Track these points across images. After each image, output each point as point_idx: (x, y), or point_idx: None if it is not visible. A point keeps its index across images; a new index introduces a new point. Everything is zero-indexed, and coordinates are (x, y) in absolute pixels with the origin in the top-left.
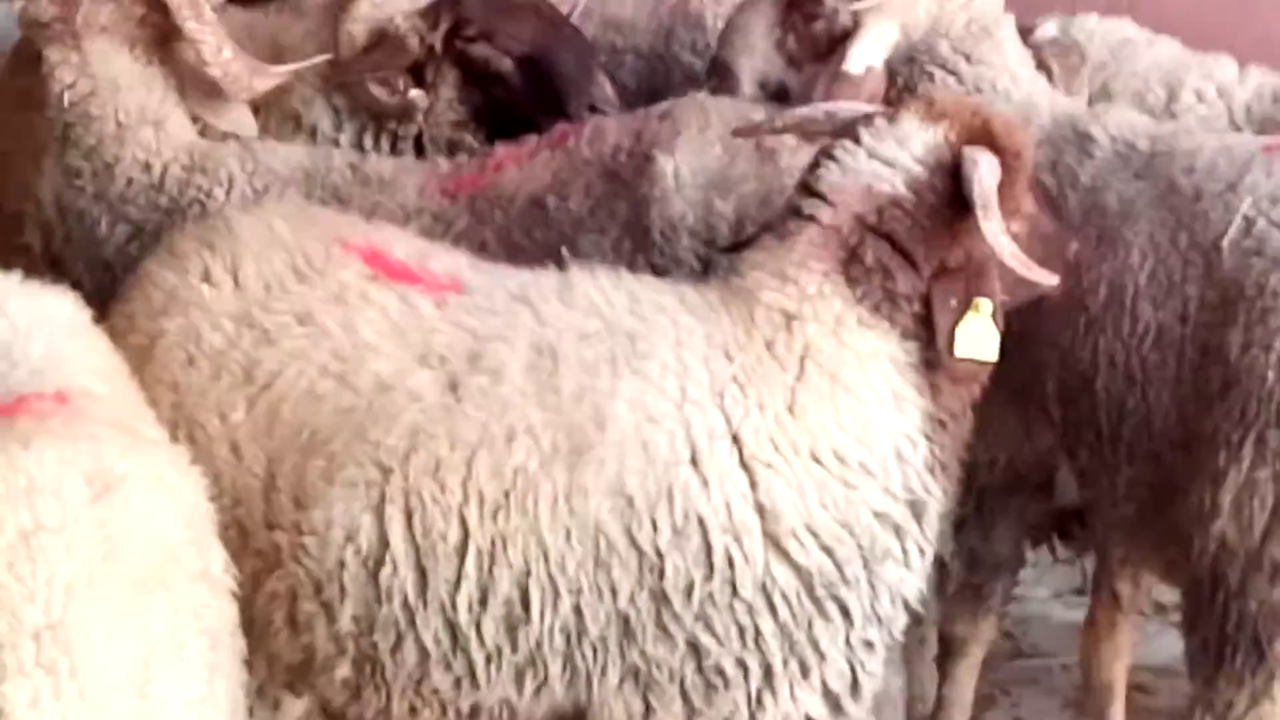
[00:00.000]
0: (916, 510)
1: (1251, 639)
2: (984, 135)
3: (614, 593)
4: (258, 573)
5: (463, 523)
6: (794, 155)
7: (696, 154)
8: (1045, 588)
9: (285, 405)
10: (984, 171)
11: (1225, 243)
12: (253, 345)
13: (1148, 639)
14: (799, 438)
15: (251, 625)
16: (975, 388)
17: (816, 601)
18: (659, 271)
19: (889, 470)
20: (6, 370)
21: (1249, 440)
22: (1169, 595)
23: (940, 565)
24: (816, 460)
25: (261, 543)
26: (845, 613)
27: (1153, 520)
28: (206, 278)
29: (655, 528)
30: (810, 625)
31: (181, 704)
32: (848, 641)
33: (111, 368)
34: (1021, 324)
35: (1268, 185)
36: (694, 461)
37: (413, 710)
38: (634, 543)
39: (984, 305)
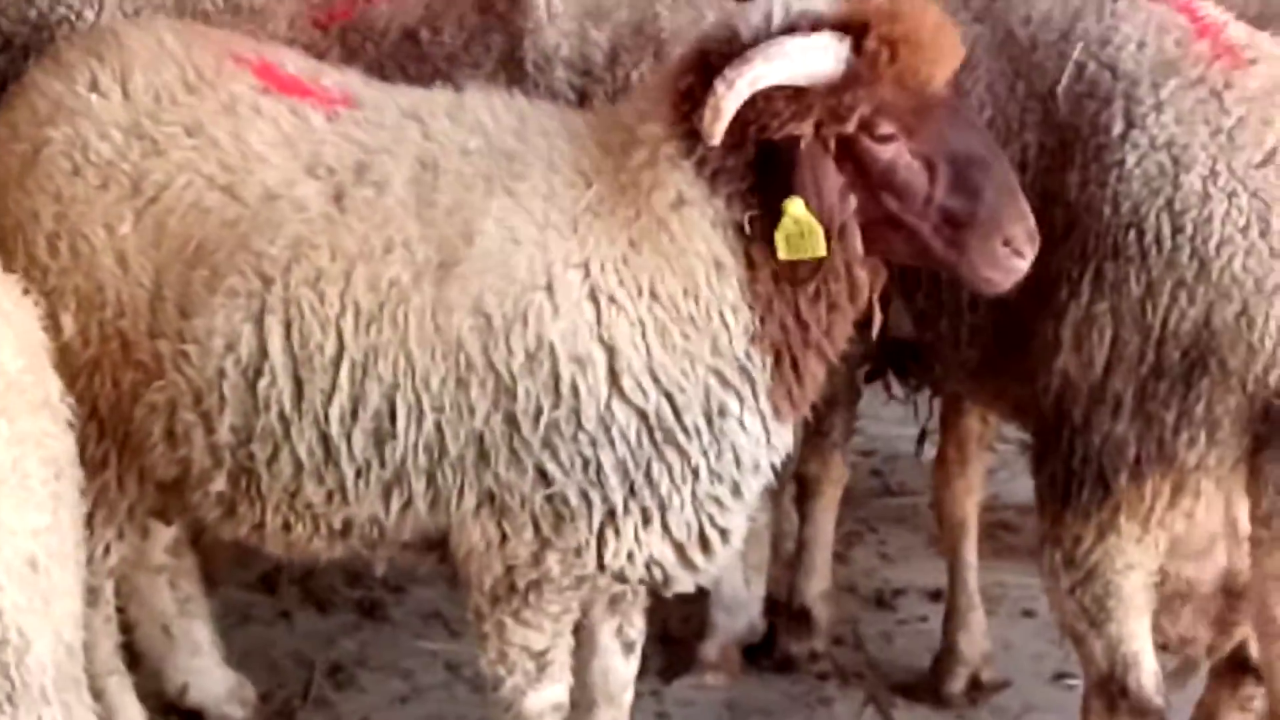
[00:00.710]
0: (748, 377)
1: (1097, 473)
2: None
3: (471, 412)
4: (137, 385)
5: (339, 334)
6: None
7: None
8: (912, 427)
9: (172, 218)
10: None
11: (1060, 90)
12: (141, 156)
13: (1012, 477)
14: (640, 275)
15: (125, 443)
16: (836, 284)
17: (656, 445)
18: None
19: (715, 327)
20: None
21: (1087, 275)
22: None
23: None
24: (655, 300)
25: (144, 353)
26: (687, 461)
27: (998, 364)
28: (94, 87)
29: (510, 350)
30: (649, 468)
31: (28, 533)
32: (694, 495)
33: None
34: None
35: (1098, 29)
36: (549, 288)
37: (286, 526)
38: (490, 363)
39: (793, 206)
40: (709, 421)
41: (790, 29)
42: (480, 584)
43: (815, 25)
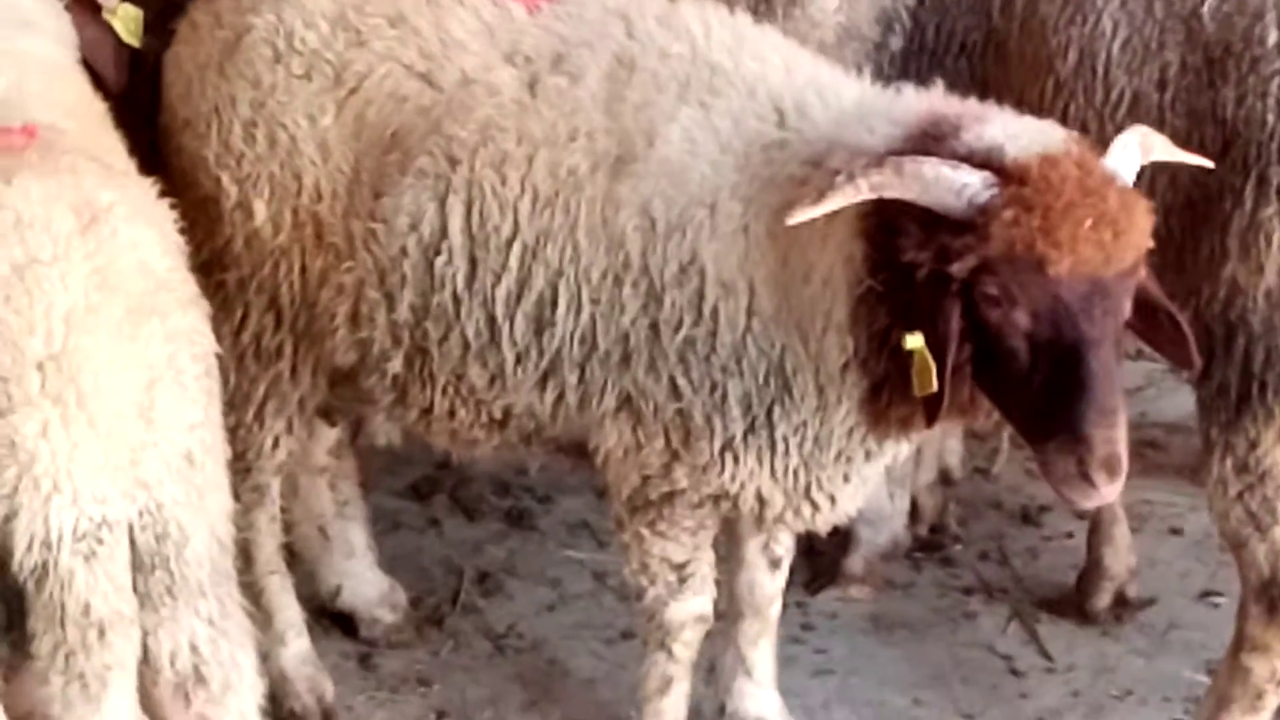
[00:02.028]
0: (838, 387)
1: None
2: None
3: (622, 310)
4: (325, 269)
5: (515, 217)
6: None
7: None
8: None
9: (371, 108)
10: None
11: (1205, 9)
12: (345, 47)
13: (1159, 395)
14: (780, 238)
15: (305, 331)
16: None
17: (776, 391)
18: None
19: (819, 330)
20: None
21: (1249, 183)
22: None
23: None
24: (785, 268)
25: (337, 235)
26: (798, 417)
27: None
28: None
29: (665, 257)
30: (770, 409)
31: (184, 427)
32: (802, 452)
33: (81, 105)
34: (984, 72)
35: None
36: (712, 208)
37: (451, 411)
38: (646, 266)
39: (910, 339)
40: (819, 393)
41: (968, 156)
42: (619, 493)
43: (983, 160)
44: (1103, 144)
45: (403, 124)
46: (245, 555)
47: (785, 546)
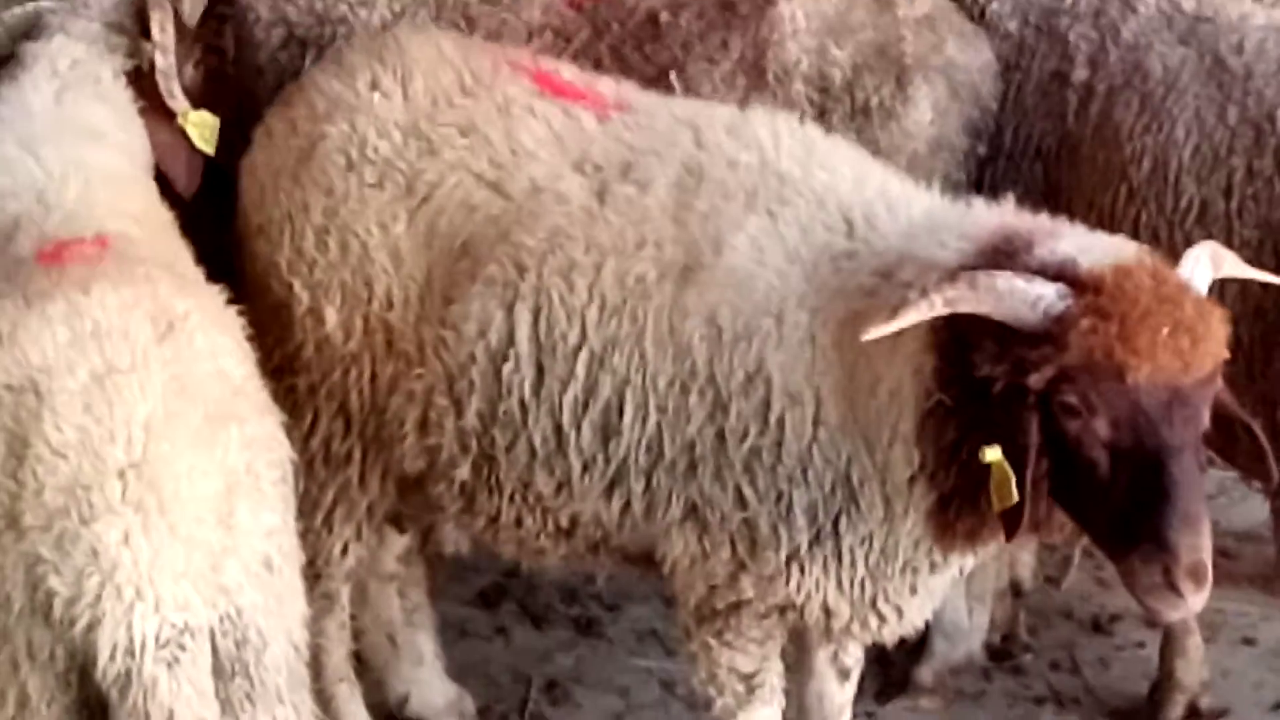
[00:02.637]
0: (902, 499)
1: None
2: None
3: (689, 419)
4: (395, 376)
5: (583, 325)
6: (911, 5)
7: None
8: None
9: (443, 217)
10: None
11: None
12: (417, 156)
13: (1231, 504)
14: (847, 350)
15: (374, 438)
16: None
17: (842, 502)
18: None
19: (885, 438)
20: (41, 215)
21: None
22: None
23: None
24: (852, 381)
25: (408, 343)
26: (865, 528)
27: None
28: (375, 87)
29: (732, 366)
30: (837, 520)
31: (263, 533)
32: (868, 563)
33: (149, 214)
34: (1058, 177)
35: None
36: (779, 318)
37: (519, 520)
38: (713, 375)
39: (989, 452)
40: (885, 504)
41: (1041, 269)
42: (686, 602)
43: (1056, 273)
44: (1174, 255)
45: (473, 232)
46: (314, 662)
47: (855, 657)
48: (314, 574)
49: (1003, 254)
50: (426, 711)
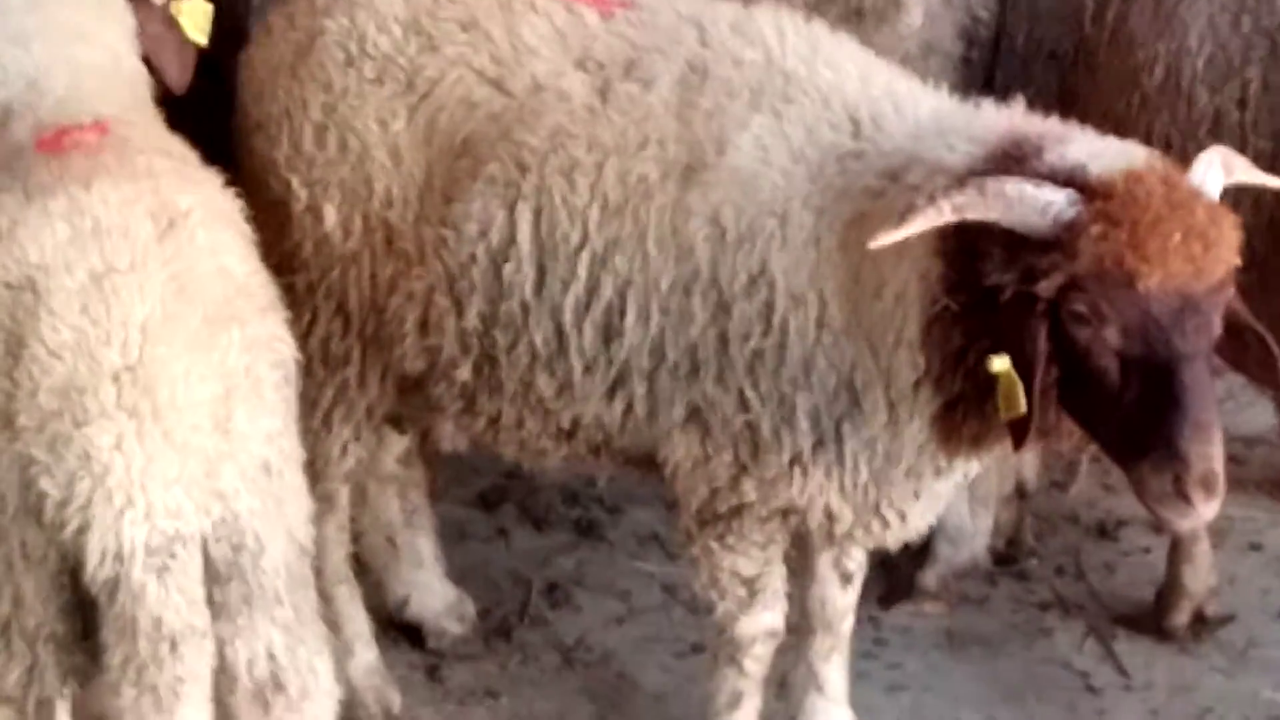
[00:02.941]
0: (908, 404)
1: None
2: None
3: (691, 321)
4: (396, 275)
5: (584, 225)
6: None
7: None
8: None
9: (443, 114)
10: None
11: None
12: (417, 51)
13: (1239, 409)
14: (853, 251)
15: (373, 337)
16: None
17: (846, 406)
18: None
19: (890, 345)
20: (35, 101)
21: None
22: None
23: None
24: (856, 282)
25: (408, 241)
26: (869, 432)
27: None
28: None
29: (735, 267)
30: (839, 424)
31: (262, 437)
32: (871, 467)
33: (138, 106)
34: (1073, 81)
35: None
36: (783, 218)
37: (520, 421)
38: (715, 277)
39: (996, 362)
40: (889, 409)
41: (1051, 175)
42: (688, 506)
43: (1066, 179)
44: (1185, 164)
45: (474, 130)
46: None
47: (857, 561)
48: (312, 475)
49: (1012, 159)
50: (426, 614)
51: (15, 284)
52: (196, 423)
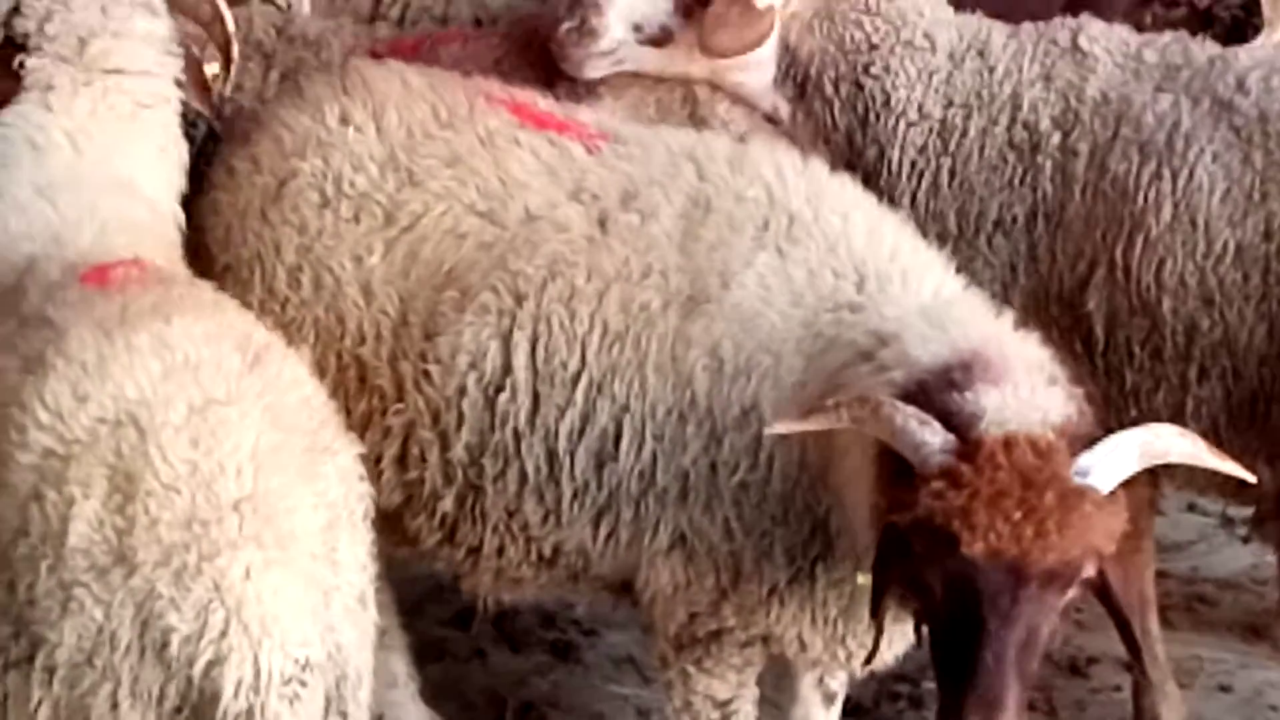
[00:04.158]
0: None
1: None
2: None
3: (684, 449)
4: (371, 412)
5: (583, 352)
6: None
7: None
8: None
9: (426, 245)
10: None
11: None
12: (397, 188)
13: (1211, 550)
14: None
15: None
16: None
17: (819, 548)
18: None
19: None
20: (58, 252)
21: None
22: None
23: None
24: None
25: (383, 379)
26: (840, 575)
27: (1227, 439)
28: (347, 121)
29: (729, 400)
30: (814, 564)
31: (358, 567)
32: (838, 602)
33: (169, 249)
34: (1029, 244)
35: None
36: (777, 358)
37: (500, 549)
38: (710, 407)
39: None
40: (856, 559)
41: (951, 414)
42: (665, 630)
43: (957, 424)
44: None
45: (461, 260)
46: None
47: (840, 681)
48: None
49: (949, 384)
50: None
51: (114, 420)
52: (313, 552)
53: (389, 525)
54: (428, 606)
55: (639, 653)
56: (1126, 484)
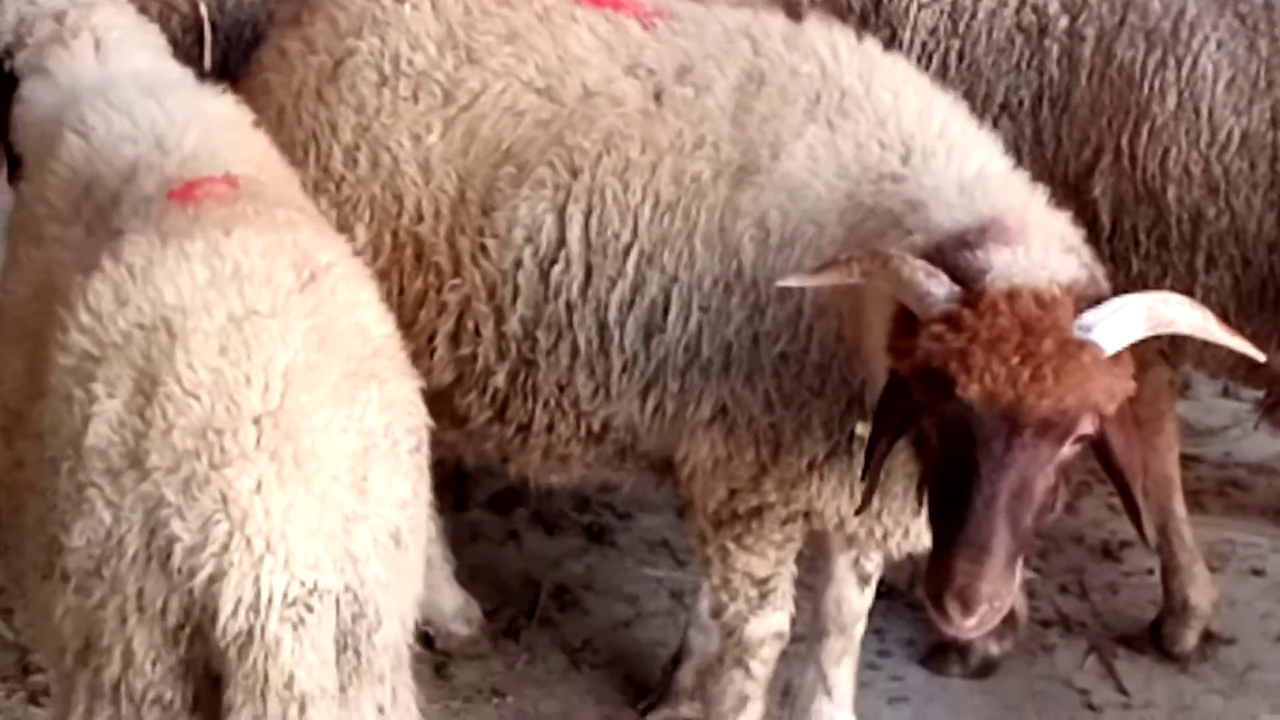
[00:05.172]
0: None
1: None
2: None
3: (728, 320)
4: (427, 289)
5: (635, 223)
6: None
7: None
8: None
9: (485, 123)
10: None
11: None
12: (455, 66)
13: (1244, 435)
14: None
15: None
16: None
17: (861, 417)
18: None
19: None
20: (159, 160)
21: None
22: None
23: None
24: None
25: (440, 255)
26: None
27: (1237, 325)
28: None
29: (773, 272)
30: (851, 436)
31: (395, 503)
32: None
33: (269, 160)
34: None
35: None
36: (820, 229)
37: (550, 427)
38: (755, 278)
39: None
40: None
41: (958, 268)
42: (705, 507)
43: (963, 276)
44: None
45: (519, 137)
46: None
47: (875, 562)
48: None
49: (964, 244)
50: (434, 615)
51: (149, 325)
52: (336, 474)
53: (439, 405)
54: (464, 490)
55: (673, 536)
56: (1138, 356)
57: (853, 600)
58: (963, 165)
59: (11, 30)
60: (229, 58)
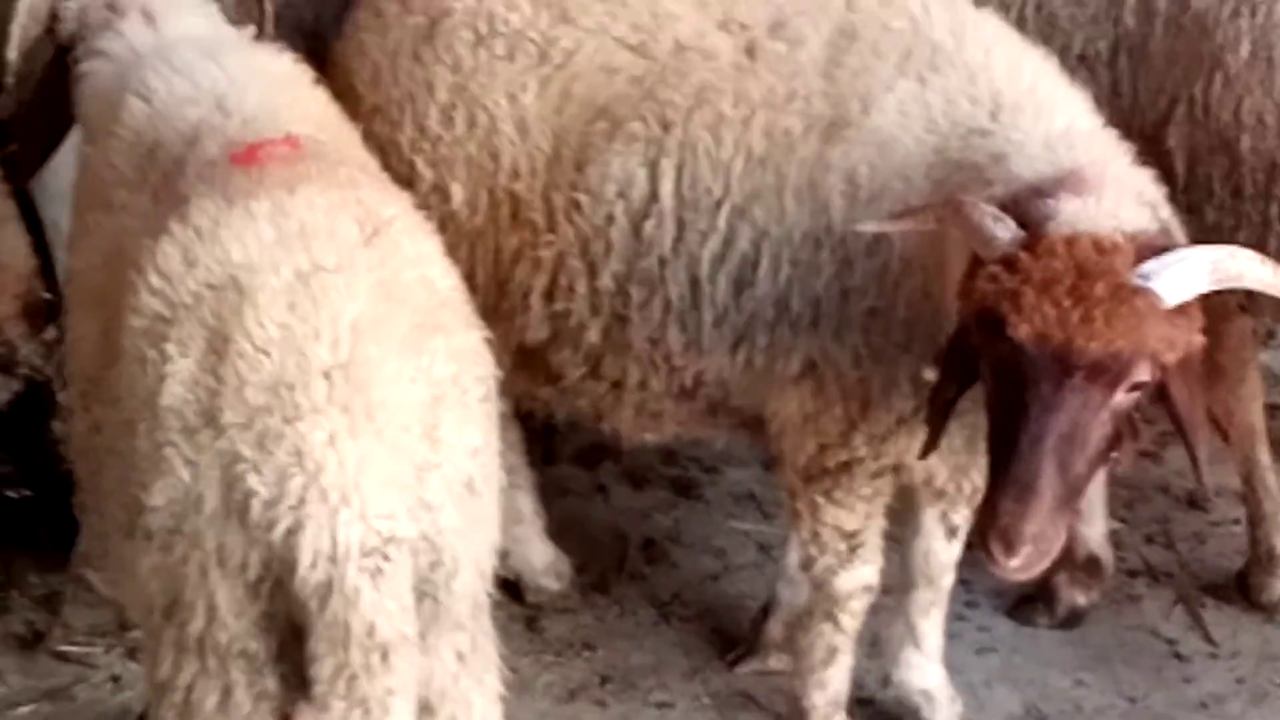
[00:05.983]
0: None
1: None
2: None
3: (818, 274)
4: (522, 246)
5: (727, 177)
6: None
7: None
8: None
9: (579, 82)
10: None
11: None
12: (550, 24)
13: None
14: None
15: (496, 310)
16: None
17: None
18: None
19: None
20: (220, 122)
21: None
22: None
23: None
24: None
25: (535, 211)
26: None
27: None
28: None
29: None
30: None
31: (467, 451)
32: (960, 433)
33: (329, 117)
34: (1113, 78)
35: None
36: (908, 183)
37: (642, 383)
38: (844, 234)
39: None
40: None
41: (1027, 215)
42: (795, 462)
43: (1030, 223)
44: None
45: (613, 94)
46: None
47: (963, 515)
48: None
49: (1039, 193)
50: (524, 569)
51: (219, 284)
52: (407, 425)
53: (534, 362)
54: (552, 445)
55: (759, 489)
56: (1220, 307)
57: (940, 552)
58: (1050, 121)
59: (75, 19)
60: (320, 19)
